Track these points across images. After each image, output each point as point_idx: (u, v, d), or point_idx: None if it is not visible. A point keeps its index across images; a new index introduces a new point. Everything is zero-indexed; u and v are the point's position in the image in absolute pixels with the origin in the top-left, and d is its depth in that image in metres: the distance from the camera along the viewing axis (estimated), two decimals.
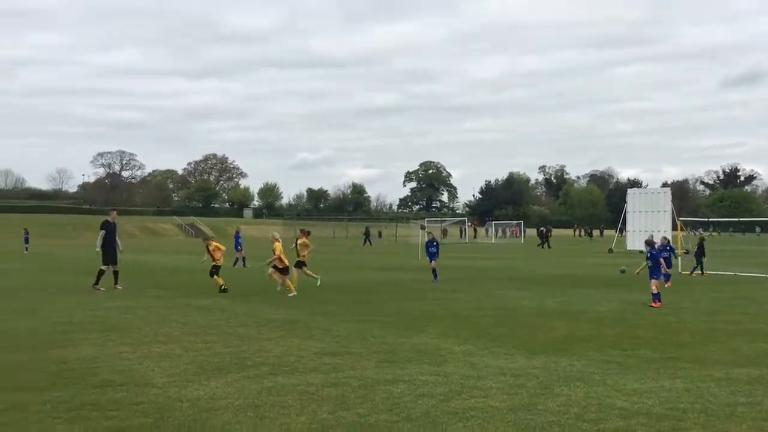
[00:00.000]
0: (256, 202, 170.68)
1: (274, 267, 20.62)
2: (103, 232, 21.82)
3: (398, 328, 13.80)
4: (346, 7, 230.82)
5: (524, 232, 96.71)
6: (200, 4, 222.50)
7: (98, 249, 21.73)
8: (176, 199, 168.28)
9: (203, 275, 26.74)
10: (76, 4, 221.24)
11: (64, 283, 23.37)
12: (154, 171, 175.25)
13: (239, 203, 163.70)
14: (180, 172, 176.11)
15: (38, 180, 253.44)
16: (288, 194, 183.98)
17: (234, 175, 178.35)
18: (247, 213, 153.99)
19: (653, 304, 17.28)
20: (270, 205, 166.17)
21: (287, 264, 20.60)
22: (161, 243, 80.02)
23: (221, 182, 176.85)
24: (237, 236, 35.18)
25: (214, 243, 21.67)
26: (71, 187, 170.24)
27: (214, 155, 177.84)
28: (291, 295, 19.53)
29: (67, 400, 8.08)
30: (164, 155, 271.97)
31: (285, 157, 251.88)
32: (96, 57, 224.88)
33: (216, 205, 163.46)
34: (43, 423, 7.19)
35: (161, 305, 17.40)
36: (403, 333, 13.21)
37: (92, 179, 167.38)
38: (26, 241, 51.37)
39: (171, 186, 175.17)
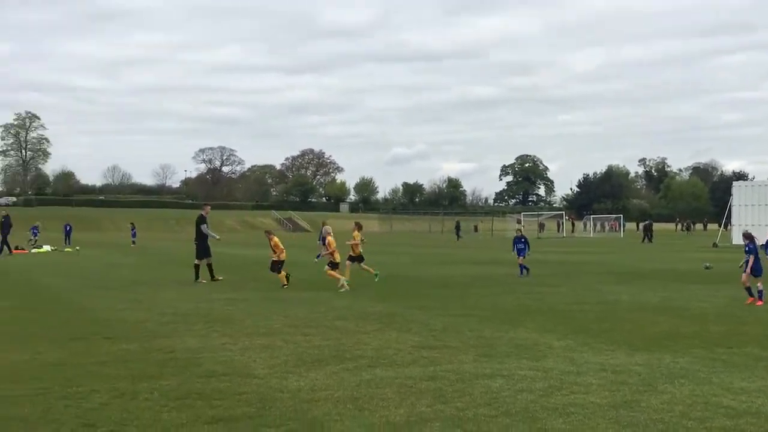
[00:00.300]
0: (352, 196, 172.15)
1: (329, 263, 20.50)
2: (205, 225, 22.46)
3: (495, 323, 13.74)
4: (443, 0, 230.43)
5: (623, 226, 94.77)
6: (299, 1, 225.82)
7: (218, 237, 22.61)
8: (274, 193, 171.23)
9: (301, 269, 27.16)
10: (178, 4, 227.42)
11: (169, 276, 24.07)
12: (253, 166, 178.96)
13: (335, 198, 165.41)
14: (278, 167, 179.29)
15: (143, 176, 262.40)
16: (384, 189, 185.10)
17: (330, 170, 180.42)
18: (344, 207, 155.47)
19: (758, 302, 16.67)
20: (366, 199, 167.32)
21: (338, 260, 20.47)
22: (260, 237, 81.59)
23: (318, 177, 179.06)
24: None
25: (275, 238, 21.43)
26: (174, 182, 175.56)
27: (311, 150, 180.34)
28: (343, 290, 19.32)
29: (174, 389, 8.35)
30: (263, 150, 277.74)
31: (381, 151, 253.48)
32: (197, 55, 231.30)
33: (313, 200, 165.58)
34: (152, 410, 7.45)
35: (261, 298, 17.75)
36: (500, 327, 13.14)
37: (194, 174, 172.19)
38: (133, 234, 53.13)
39: (269, 181, 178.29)
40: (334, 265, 20.33)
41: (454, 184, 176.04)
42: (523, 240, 25.65)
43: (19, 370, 9.26)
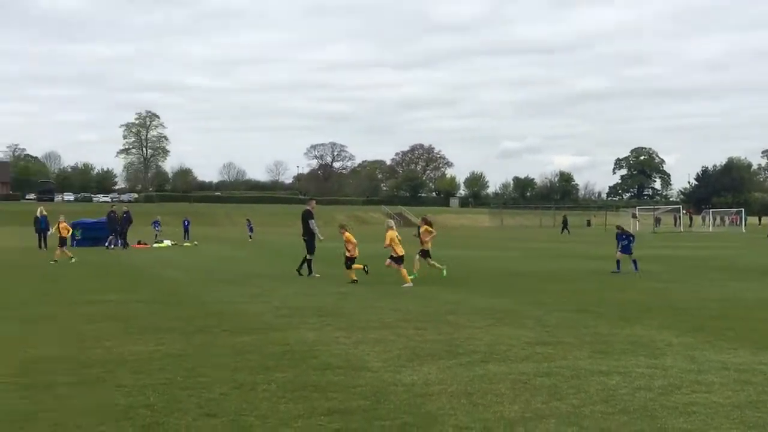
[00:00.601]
0: (462, 191, 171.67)
1: (391, 257, 20.11)
2: (312, 221, 22.77)
3: (610, 319, 13.46)
4: None
5: (745, 220, 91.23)
6: None
7: (321, 238, 22.77)
8: (384, 188, 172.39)
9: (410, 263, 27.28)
10: (290, 3, 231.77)
11: (284, 270, 24.53)
12: (363, 162, 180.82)
13: (445, 192, 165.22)
14: (388, 162, 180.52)
15: (257, 172, 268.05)
16: (494, 183, 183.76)
17: (440, 165, 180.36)
18: (453, 202, 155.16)
19: None
20: (476, 194, 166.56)
21: (402, 253, 20.03)
22: (369, 231, 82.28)
23: (428, 172, 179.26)
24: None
25: (347, 233, 21.07)
26: (287, 178, 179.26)
27: (421, 145, 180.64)
28: (406, 286, 19.05)
29: (291, 381, 8.52)
30: (373, 146, 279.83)
31: (491, 145, 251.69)
32: (309, 53, 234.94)
33: (423, 195, 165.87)
34: (270, 401, 7.62)
35: (373, 292, 17.90)
36: (616, 324, 12.87)
37: (306, 170, 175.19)
38: (250, 230, 54.35)
39: (379, 176, 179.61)
40: (398, 260, 19.96)
41: (566, 178, 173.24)
42: (624, 236, 24.94)
43: (144, 360, 9.63)
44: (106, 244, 37.92)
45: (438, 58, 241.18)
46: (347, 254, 20.57)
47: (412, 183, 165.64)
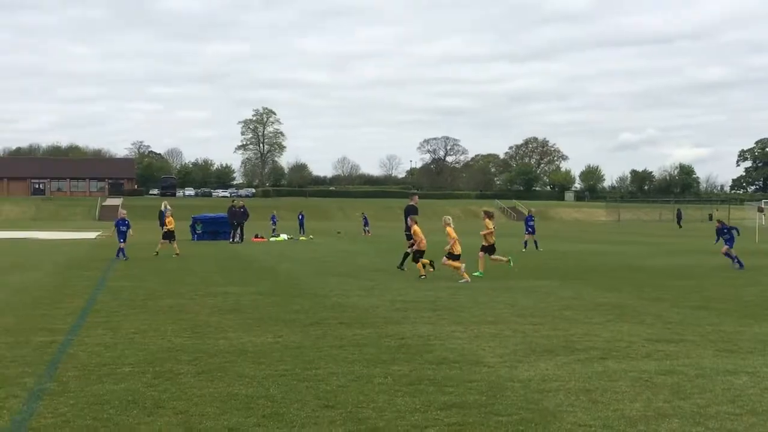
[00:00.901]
0: (577, 185, 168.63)
1: (448, 254, 19.50)
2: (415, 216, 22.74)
3: (736, 316, 12.98)
4: None
5: None
6: None
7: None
8: (498, 182, 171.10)
9: (522, 257, 27.01)
10: None
11: (397, 264, 24.63)
12: (476, 155, 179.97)
13: (560, 186, 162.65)
14: (501, 156, 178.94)
15: (371, 166, 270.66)
16: (611, 176, 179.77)
17: (555, 158, 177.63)
18: (569, 196, 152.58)
19: None
20: (591, 187, 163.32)
21: (460, 252, 19.55)
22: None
23: (542, 165, 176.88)
24: (530, 218, 34.82)
25: (415, 227, 20.78)
26: (400, 172, 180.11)
27: (535, 138, 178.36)
28: (462, 281, 18.74)
29: (407, 374, 8.56)
30: (486, 140, 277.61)
31: (607, 138, 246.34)
32: (422, 47, 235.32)
33: (537, 188, 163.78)
34: (387, 394, 7.68)
35: (487, 287, 17.79)
36: (742, 321, 12.40)
37: (419, 165, 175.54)
38: (365, 224, 54.83)
39: (493, 170, 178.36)
40: (456, 257, 19.47)
41: (686, 171, 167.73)
42: (726, 229, 24.04)
43: (264, 352, 9.85)
44: (231, 238, 38.97)
45: (552, 50, 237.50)
46: (416, 247, 20.45)
47: (526, 177, 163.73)
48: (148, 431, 6.49)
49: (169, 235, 29.16)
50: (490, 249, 21.28)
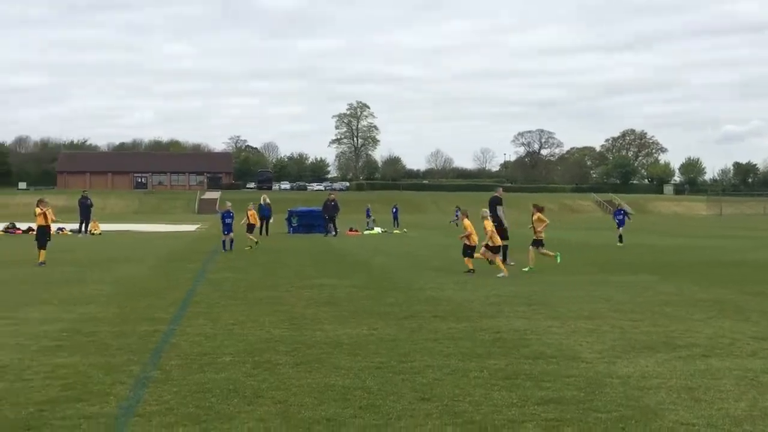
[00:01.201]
0: (676, 178, 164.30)
1: (486, 246, 19.18)
2: (501, 207, 22.52)
3: None
4: None
5: None
6: None
7: (506, 226, 22.42)
8: (594, 175, 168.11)
9: (614, 252, 26.47)
10: None
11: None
12: (571, 148, 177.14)
13: (659, 179, 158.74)
14: (597, 148, 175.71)
15: (464, 160, 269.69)
16: (712, 169, 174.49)
17: (653, 150, 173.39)
18: (668, 189, 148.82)
19: None
20: (692, 180, 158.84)
21: (500, 243, 19.36)
22: (577, 219, 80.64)
23: (639, 158, 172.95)
24: (618, 212, 34.11)
25: (466, 220, 20.45)
26: (494, 166, 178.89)
27: (632, 131, 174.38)
28: (500, 275, 18.34)
29: (503, 368, 8.51)
30: (581, 132, 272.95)
31: (709, 130, 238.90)
32: (514, 38, 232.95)
33: (635, 182, 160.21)
34: (483, 388, 7.65)
35: (582, 281, 17.53)
36: None
37: (513, 158, 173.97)
38: (457, 217, 54.71)
39: (588, 163, 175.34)
40: (494, 249, 19.22)
41: None
42: None
43: (360, 344, 9.94)
44: (325, 231, 39.43)
45: (648, 40, 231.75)
46: (466, 242, 20.12)
47: (623, 169, 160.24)
48: (249, 420, 6.63)
49: (251, 228, 30.26)
50: (539, 243, 21.05)
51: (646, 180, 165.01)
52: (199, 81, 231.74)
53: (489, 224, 19.60)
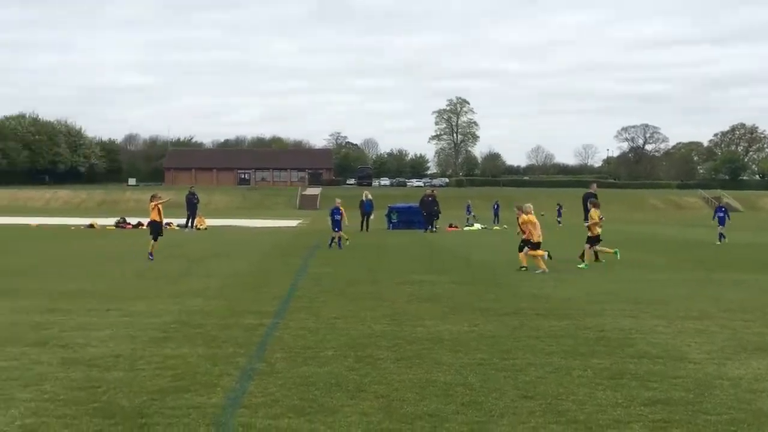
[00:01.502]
0: None
1: (525, 241, 19.05)
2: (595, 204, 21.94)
3: None
4: None
5: None
6: None
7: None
8: (701, 171, 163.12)
9: (718, 250, 25.61)
10: None
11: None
12: (677, 144, 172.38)
13: None
14: (705, 143, 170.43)
15: (565, 156, 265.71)
16: None
17: (765, 145, 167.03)
18: None
19: None
20: None
21: (540, 239, 19.02)
22: (684, 216, 78.38)
23: (750, 153, 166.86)
24: (720, 209, 32.98)
25: (524, 216, 19.70)
26: (596, 161, 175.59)
27: (743, 125, 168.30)
28: (539, 272, 18.26)
29: (607, 368, 8.35)
30: (688, 127, 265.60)
31: None
32: (621, 32, 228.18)
33: (744, 178, 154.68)
34: (587, 387, 7.53)
35: (690, 279, 17.05)
36: None
37: (616, 154, 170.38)
38: (559, 214, 53.93)
39: (695, 158, 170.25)
40: (535, 246, 18.91)
41: None
42: None
43: (460, 340, 9.92)
44: (425, 228, 39.43)
45: (756, 31, 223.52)
46: (524, 237, 19.60)
47: (732, 165, 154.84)
48: (352, 413, 6.70)
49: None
50: (595, 240, 20.65)
51: (757, 176, 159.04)
52: (300, 78, 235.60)
53: (530, 219, 19.38)
